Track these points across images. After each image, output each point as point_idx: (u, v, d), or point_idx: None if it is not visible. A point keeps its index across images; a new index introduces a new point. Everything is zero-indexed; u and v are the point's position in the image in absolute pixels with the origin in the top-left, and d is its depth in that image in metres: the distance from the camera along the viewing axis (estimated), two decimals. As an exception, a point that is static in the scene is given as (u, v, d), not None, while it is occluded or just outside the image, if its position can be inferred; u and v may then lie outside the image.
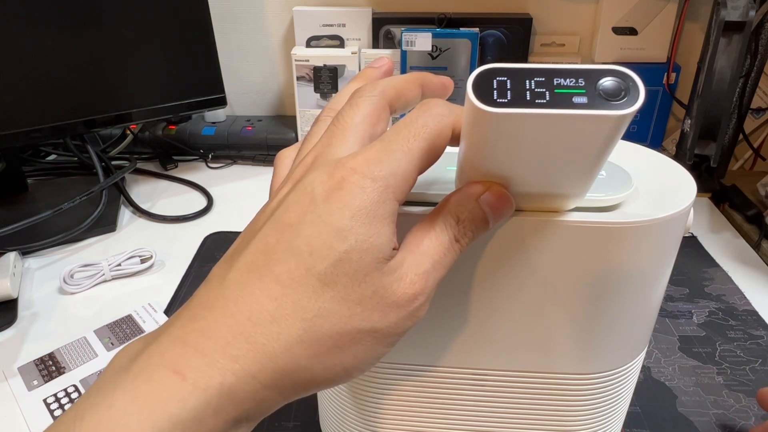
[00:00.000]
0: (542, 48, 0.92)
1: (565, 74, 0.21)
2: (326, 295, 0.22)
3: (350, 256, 0.22)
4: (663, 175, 0.31)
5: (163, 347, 0.22)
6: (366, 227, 0.23)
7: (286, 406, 0.48)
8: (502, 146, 0.23)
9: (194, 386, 0.21)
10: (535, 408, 0.34)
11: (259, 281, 0.23)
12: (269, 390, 0.22)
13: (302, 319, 0.22)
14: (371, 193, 0.23)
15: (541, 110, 0.21)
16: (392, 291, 0.23)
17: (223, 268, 0.24)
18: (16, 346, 0.56)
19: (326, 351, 0.23)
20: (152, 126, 0.91)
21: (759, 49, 0.72)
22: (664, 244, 0.29)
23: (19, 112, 0.68)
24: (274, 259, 0.23)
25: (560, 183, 0.26)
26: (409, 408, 0.36)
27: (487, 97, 0.21)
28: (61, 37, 0.68)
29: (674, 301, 0.61)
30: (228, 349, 0.22)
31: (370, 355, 0.24)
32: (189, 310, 0.23)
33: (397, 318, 0.24)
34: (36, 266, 0.67)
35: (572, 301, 0.30)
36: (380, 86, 0.26)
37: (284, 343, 0.22)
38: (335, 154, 0.24)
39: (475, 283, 0.30)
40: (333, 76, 0.88)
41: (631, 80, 0.21)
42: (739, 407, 0.49)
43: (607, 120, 0.21)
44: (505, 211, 0.26)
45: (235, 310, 0.22)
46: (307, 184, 0.23)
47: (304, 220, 0.23)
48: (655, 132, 0.92)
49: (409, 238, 0.25)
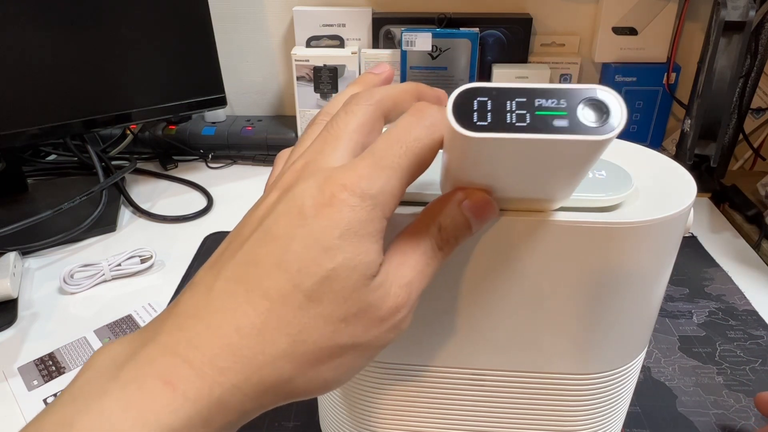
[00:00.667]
0: (542, 48, 0.92)
1: (546, 94, 0.21)
2: (312, 311, 0.23)
3: (338, 273, 0.23)
4: (663, 175, 0.31)
5: (152, 356, 0.22)
6: (354, 246, 0.23)
7: (286, 406, 0.48)
8: (482, 164, 0.23)
9: (185, 397, 0.21)
10: (534, 408, 0.34)
11: (246, 294, 0.23)
12: (252, 401, 0.23)
13: (287, 334, 0.23)
14: (360, 212, 0.23)
15: (521, 135, 0.21)
16: (377, 306, 0.24)
17: (210, 275, 0.24)
18: (16, 346, 0.56)
19: (309, 365, 0.23)
20: (152, 126, 0.91)
21: (759, 49, 0.72)
22: (664, 244, 0.29)
23: (19, 112, 0.68)
24: (263, 272, 0.23)
25: (543, 191, 0.26)
26: (409, 408, 0.36)
27: (467, 120, 0.21)
28: (61, 37, 0.68)
29: (674, 301, 0.61)
30: (215, 360, 0.22)
31: (350, 368, 0.24)
32: (176, 317, 0.23)
33: (380, 332, 0.24)
34: (36, 266, 0.67)
35: (572, 301, 0.30)
36: (377, 95, 0.26)
37: (269, 357, 0.22)
38: (326, 163, 0.24)
39: (474, 283, 0.30)
40: (333, 76, 0.88)
41: (614, 102, 0.21)
42: (739, 407, 0.49)
43: (586, 144, 0.21)
44: (488, 216, 0.26)
45: (222, 321, 0.23)
46: (297, 196, 0.23)
47: (294, 234, 0.23)
48: (655, 132, 0.92)
49: (393, 248, 0.25)
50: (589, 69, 0.93)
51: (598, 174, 0.30)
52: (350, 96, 0.27)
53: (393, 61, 0.88)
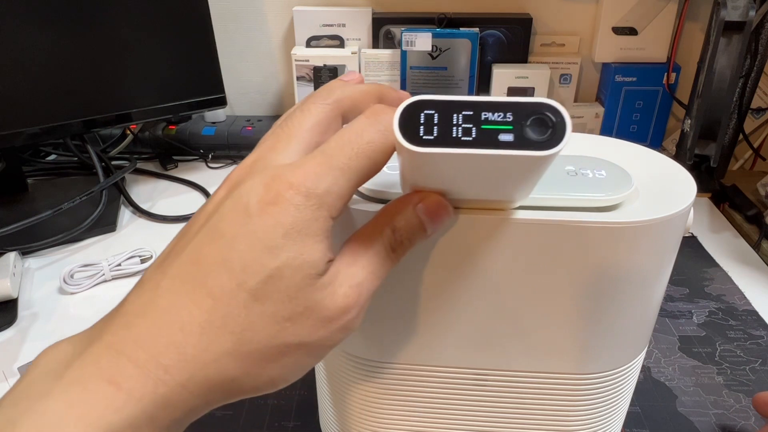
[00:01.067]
0: (542, 48, 0.92)
1: (494, 108, 0.21)
2: (256, 309, 0.23)
3: (282, 272, 0.23)
4: (663, 175, 0.31)
5: (97, 355, 0.22)
6: (298, 245, 0.23)
7: (287, 406, 0.48)
8: (432, 173, 0.24)
9: (129, 396, 0.21)
10: (535, 408, 0.34)
11: (191, 292, 0.23)
12: (198, 399, 0.23)
13: (231, 332, 0.23)
14: (305, 211, 0.23)
15: (465, 150, 0.21)
16: (324, 306, 0.23)
17: (157, 273, 0.24)
18: (16, 346, 0.56)
19: (254, 363, 0.23)
20: (152, 126, 0.91)
21: (759, 49, 0.72)
22: (664, 244, 0.29)
23: (19, 112, 0.68)
24: (207, 270, 0.23)
25: (496, 196, 0.26)
26: (409, 408, 0.36)
27: (413, 133, 0.21)
28: (61, 37, 0.68)
29: (674, 301, 0.61)
30: (160, 358, 0.22)
31: (297, 366, 0.24)
32: (122, 316, 0.23)
33: (328, 332, 0.24)
34: (36, 266, 0.67)
35: (572, 301, 0.30)
36: (336, 95, 0.26)
37: (213, 355, 0.22)
38: (275, 160, 0.24)
39: (475, 283, 0.30)
40: (333, 76, 0.88)
41: (560, 117, 0.21)
42: (739, 407, 0.49)
43: (530, 159, 0.21)
44: (442, 218, 0.26)
45: (167, 319, 0.23)
46: (243, 193, 0.23)
47: (238, 233, 0.23)
48: (655, 132, 0.92)
49: (345, 248, 0.25)
50: (589, 69, 0.93)
51: (598, 174, 0.30)
52: (308, 95, 0.27)
53: (393, 61, 0.88)
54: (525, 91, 0.87)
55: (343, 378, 0.36)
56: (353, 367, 0.35)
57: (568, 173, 0.30)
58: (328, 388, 0.38)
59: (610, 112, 0.90)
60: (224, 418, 0.47)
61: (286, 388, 0.49)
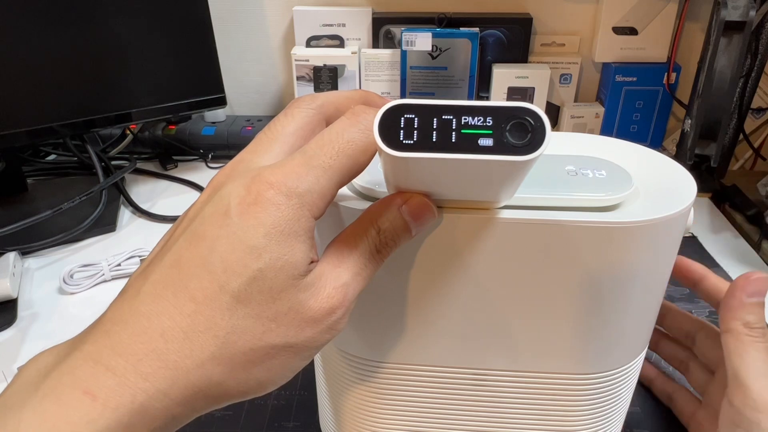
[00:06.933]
0: (542, 48, 0.92)
1: (473, 112, 0.21)
2: (240, 312, 0.22)
3: (264, 273, 0.22)
4: (663, 175, 0.31)
5: (74, 365, 0.22)
6: (280, 245, 0.22)
7: (286, 406, 0.48)
8: (413, 176, 0.24)
9: (104, 406, 0.21)
10: (535, 408, 0.34)
11: (173, 297, 0.22)
12: (181, 406, 0.23)
13: (215, 336, 0.22)
14: (286, 211, 0.22)
15: (444, 155, 0.21)
16: (308, 306, 0.23)
17: (138, 280, 0.24)
18: (16, 346, 0.55)
19: (240, 366, 0.23)
20: (152, 126, 0.91)
21: (759, 49, 0.72)
22: (664, 244, 0.29)
23: (19, 112, 0.68)
24: (188, 274, 0.23)
25: (479, 197, 0.26)
26: (409, 408, 0.36)
27: (393, 137, 0.21)
28: (61, 36, 0.68)
29: (674, 301, 0.61)
30: (139, 366, 0.22)
31: (284, 369, 0.24)
32: (102, 324, 0.23)
33: (313, 333, 0.24)
34: (36, 266, 0.67)
35: (573, 301, 0.30)
36: (320, 100, 0.26)
37: (197, 360, 0.22)
38: (257, 163, 0.24)
39: (475, 284, 0.30)
40: (333, 76, 0.88)
41: (539, 121, 0.21)
42: (739, 407, 0.49)
43: (510, 164, 0.21)
44: (426, 219, 0.26)
45: (147, 326, 0.22)
46: (224, 196, 0.23)
47: (219, 234, 0.23)
48: (655, 132, 0.92)
49: (330, 249, 0.25)
50: (590, 69, 0.93)
51: (599, 174, 0.30)
52: (293, 100, 0.27)
53: (393, 61, 0.88)
54: (525, 91, 0.87)
55: (342, 378, 0.36)
56: (353, 368, 0.35)
57: (568, 173, 0.30)
58: (327, 388, 0.38)
59: (610, 112, 0.90)
60: (224, 418, 0.47)
61: (286, 388, 0.49)
